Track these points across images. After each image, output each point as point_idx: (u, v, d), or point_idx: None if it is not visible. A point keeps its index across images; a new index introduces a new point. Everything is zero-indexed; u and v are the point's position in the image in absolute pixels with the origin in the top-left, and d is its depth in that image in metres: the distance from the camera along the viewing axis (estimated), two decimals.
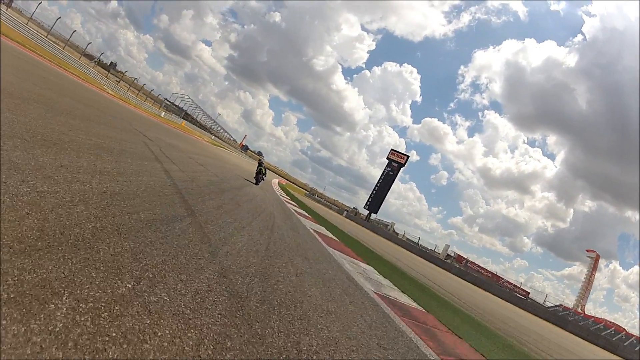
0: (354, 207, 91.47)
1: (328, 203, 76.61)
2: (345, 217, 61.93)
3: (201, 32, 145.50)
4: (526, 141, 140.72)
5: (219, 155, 30.09)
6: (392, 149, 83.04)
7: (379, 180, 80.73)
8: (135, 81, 49.57)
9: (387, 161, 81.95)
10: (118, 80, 44.39)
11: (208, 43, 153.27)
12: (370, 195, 78.47)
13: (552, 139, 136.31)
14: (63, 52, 29.01)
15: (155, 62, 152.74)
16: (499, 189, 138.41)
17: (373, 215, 74.67)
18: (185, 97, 64.03)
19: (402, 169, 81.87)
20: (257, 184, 16.72)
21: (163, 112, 47.93)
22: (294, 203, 21.12)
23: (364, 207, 77.87)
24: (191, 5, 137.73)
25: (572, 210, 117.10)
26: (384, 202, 78.13)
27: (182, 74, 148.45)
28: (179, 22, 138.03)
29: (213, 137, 72.69)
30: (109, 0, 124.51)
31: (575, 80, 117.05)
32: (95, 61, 38.19)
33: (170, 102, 60.30)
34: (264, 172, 17.62)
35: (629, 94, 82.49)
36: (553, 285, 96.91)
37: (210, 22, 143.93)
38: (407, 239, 64.05)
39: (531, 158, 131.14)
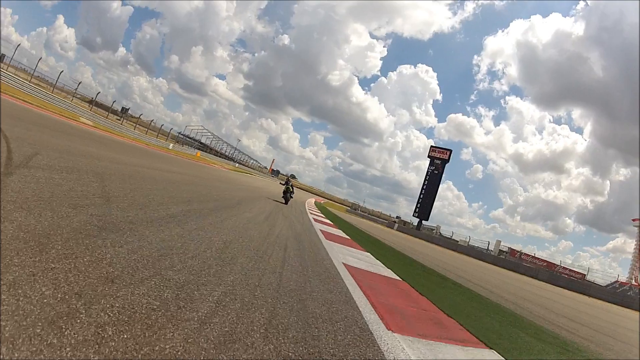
0: (397, 216, 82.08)
1: (373, 217, 65.07)
2: (397, 230, 50.23)
3: (213, 67, 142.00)
4: (552, 120, 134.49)
5: (220, 177, 20.54)
6: (431, 146, 71.31)
7: (424, 182, 68.86)
8: (159, 126, 43.13)
9: (429, 160, 70.11)
10: (119, 119, 37.62)
11: (222, 77, 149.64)
12: (418, 200, 66.54)
13: (576, 113, 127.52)
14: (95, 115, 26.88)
15: (173, 104, 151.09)
16: (535, 172, 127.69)
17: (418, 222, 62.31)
18: (200, 128, 57.37)
19: (446, 165, 69.91)
20: (286, 203, 14.81)
21: (171, 144, 40.33)
22: (340, 232, 10.69)
23: (413, 215, 65.89)
24: (199, 41, 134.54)
25: (608, 182, 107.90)
26: (431, 205, 66.27)
27: (201, 112, 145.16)
28: (189, 60, 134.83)
29: (237, 164, 64.98)
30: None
31: (587, 49, 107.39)
32: (73, 94, 31.27)
33: (184, 135, 53.28)
34: (291, 190, 15.66)
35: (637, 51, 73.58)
36: (600, 261, 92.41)
37: (221, 55, 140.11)
38: (469, 244, 50.84)
39: (560, 136, 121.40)
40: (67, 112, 25.01)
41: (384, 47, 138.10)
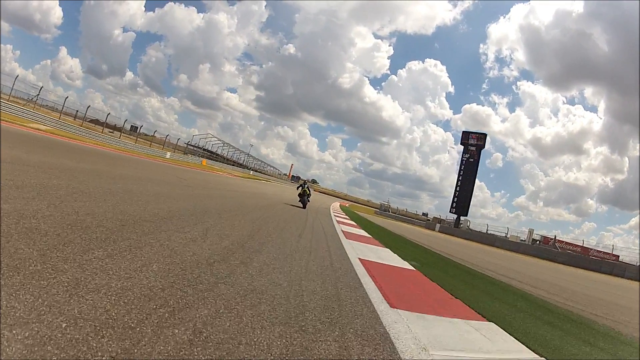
0: (423, 213, 72.68)
1: (407, 217, 55.23)
2: (439, 231, 40.44)
3: (223, 82, 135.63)
4: (565, 101, 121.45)
5: (202, 181, 12.07)
6: (464, 131, 60.92)
7: (459, 173, 58.48)
8: (151, 134, 36.34)
9: (462, 147, 60.01)
10: (111, 131, 30.85)
11: (232, 90, 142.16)
12: (454, 194, 56.28)
13: (588, 91, 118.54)
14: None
15: (187, 120, 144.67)
16: (554, 156, 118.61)
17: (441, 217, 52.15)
18: (210, 136, 50.03)
19: (482, 150, 59.91)
20: (304, 207, 13.32)
21: (169, 153, 32.95)
22: None
23: (450, 211, 55.62)
24: (205, 59, 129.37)
25: (626, 159, 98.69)
26: (469, 198, 56.08)
27: (216, 125, 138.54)
28: (198, 78, 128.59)
29: (252, 172, 57.24)
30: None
31: (589, 25, 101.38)
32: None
33: (192, 145, 45.95)
34: (308, 193, 13.87)
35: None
36: (623, 240, 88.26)
37: (229, 70, 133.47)
38: (521, 239, 40.44)
39: (575, 116, 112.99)
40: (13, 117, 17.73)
41: (389, 46, 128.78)
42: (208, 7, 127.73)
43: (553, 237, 39.74)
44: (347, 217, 17.26)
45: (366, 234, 9.39)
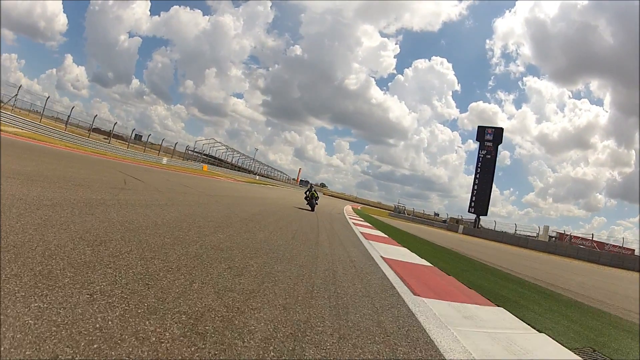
0: (435, 213, 68.54)
1: (426, 220, 50.79)
2: (463, 233, 36.09)
3: (229, 87, 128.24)
4: (571, 96, 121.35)
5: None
6: (479, 126, 56.40)
7: (476, 171, 53.83)
8: (145, 138, 33.38)
9: (478, 143, 55.47)
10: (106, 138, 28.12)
11: (239, 96, 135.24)
12: (472, 193, 51.60)
13: (594, 85, 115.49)
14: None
15: (194, 128, 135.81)
16: (561, 152, 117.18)
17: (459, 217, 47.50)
18: (212, 141, 46.79)
19: (499, 146, 55.74)
20: (312, 209, 12.89)
21: (165, 159, 29.67)
22: None
23: (469, 211, 50.90)
24: (211, 63, 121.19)
25: (633, 152, 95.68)
26: (488, 197, 51.49)
27: (223, 132, 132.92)
28: (204, 84, 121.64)
29: (258, 177, 53.70)
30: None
31: (594, 17, 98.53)
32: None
33: (193, 150, 42.68)
34: (316, 195, 13.51)
35: None
36: (634, 233, 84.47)
37: (235, 74, 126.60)
38: (551, 236, 35.99)
39: (581, 110, 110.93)
40: None
41: (395, 44, 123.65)
42: (213, 9, 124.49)
43: (568, 234, 36.96)
44: (369, 224, 13.39)
45: (425, 263, 5.47)
